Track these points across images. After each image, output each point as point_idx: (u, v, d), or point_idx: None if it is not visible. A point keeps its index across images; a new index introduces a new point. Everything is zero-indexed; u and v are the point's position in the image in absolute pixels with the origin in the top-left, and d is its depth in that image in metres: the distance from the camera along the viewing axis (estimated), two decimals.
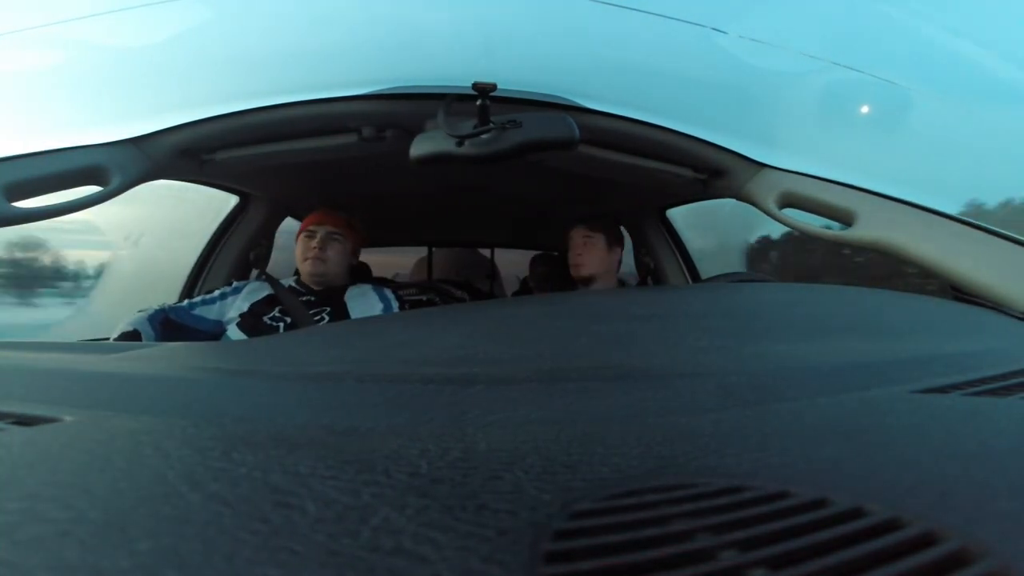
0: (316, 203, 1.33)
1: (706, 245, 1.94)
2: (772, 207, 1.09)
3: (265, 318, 1.14)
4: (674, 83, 1.16)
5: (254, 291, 1.21)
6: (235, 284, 1.25)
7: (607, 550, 0.17)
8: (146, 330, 1.07)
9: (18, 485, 0.22)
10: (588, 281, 1.51)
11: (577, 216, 1.57)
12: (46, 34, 0.95)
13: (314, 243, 1.23)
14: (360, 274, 1.33)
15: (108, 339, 1.10)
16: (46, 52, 1.00)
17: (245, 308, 1.16)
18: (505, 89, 0.89)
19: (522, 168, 1.16)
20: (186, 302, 1.21)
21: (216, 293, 1.22)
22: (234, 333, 1.13)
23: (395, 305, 1.26)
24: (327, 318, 1.16)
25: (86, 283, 1.73)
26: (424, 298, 1.72)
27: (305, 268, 1.23)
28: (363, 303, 1.21)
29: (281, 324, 1.14)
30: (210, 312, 1.17)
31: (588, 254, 1.50)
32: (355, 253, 1.34)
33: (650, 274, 1.84)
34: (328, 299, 1.20)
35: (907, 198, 0.94)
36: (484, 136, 0.83)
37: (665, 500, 0.20)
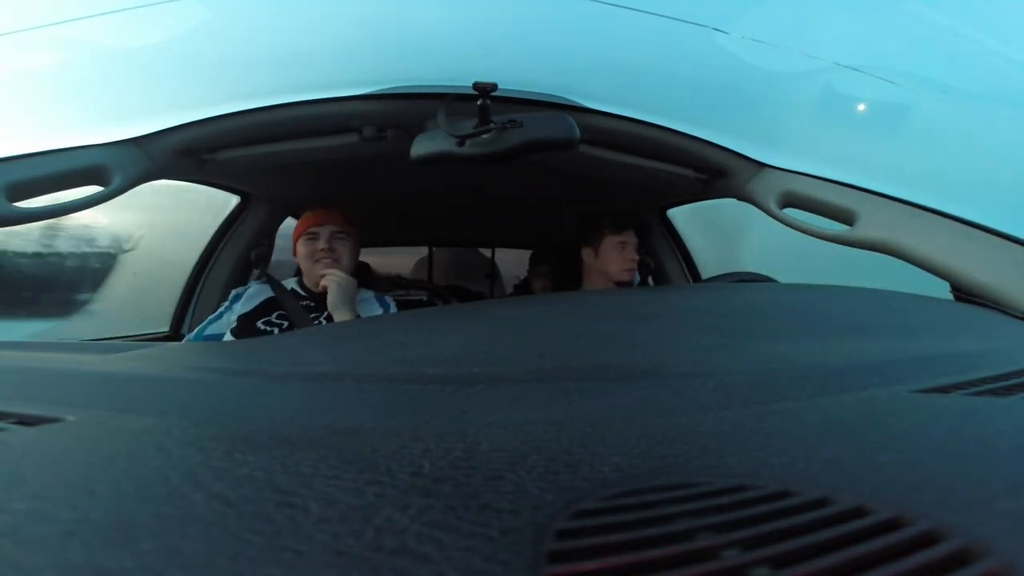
0: (317, 203, 1.32)
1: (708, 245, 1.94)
2: (773, 207, 1.09)
3: (259, 323, 1.13)
4: (675, 83, 1.16)
5: (253, 296, 1.20)
6: (235, 292, 1.24)
7: (609, 549, 0.17)
8: None
9: (21, 485, 0.22)
10: (624, 286, 1.50)
11: (608, 216, 1.56)
12: (47, 34, 0.95)
13: (321, 244, 1.18)
14: (363, 275, 1.31)
15: (110, 339, 1.10)
16: (47, 52, 1.00)
17: (242, 313, 1.16)
18: (506, 89, 0.89)
19: (523, 168, 1.16)
20: (194, 332, 1.20)
21: (221, 308, 1.21)
22: (228, 340, 1.12)
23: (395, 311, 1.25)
24: (325, 323, 1.16)
25: (87, 283, 1.73)
26: (422, 298, 1.72)
27: (316, 270, 1.18)
28: (363, 310, 1.20)
29: (275, 330, 1.12)
30: (219, 328, 1.17)
31: (634, 261, 1.50)
32: (358, 252, 1.31)
33: (651, 274, 1.84)
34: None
35: (910, 199, 0.94)
36: (484, 136, 0.83)
37: (667, 499, 0.20)
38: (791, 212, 1.08)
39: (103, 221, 1.62)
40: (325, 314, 1.16)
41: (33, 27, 0.95)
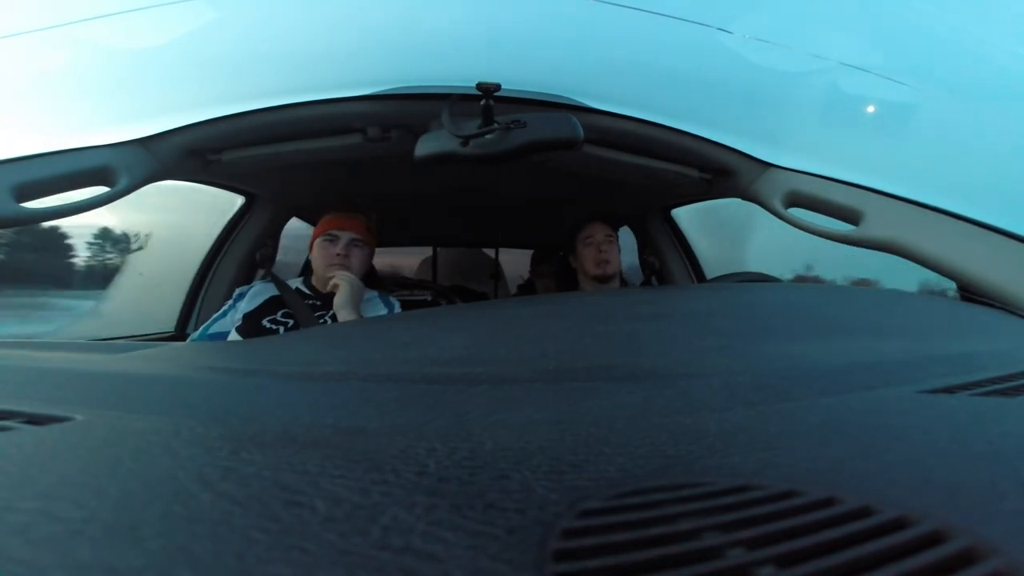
0: (321, 203, 1.33)
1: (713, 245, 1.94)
2: (778, 207, 1.09)
3: (264, 321, 1.13)
4: (679, 83, 1.16)
5: (258, 294, 1.20)
6: (239, 291, 1.24)
7: (615, 548, 0.17)
8: None
9: (30, 484, 0.22)
10: (608, 280, 1.50)
11: (584, 214, 1.56)
12: (53, 35, 0.95)
13: (338, 249, 1.20)
14: (367, 275, 1.31)
15: (117, 339, 1.10)
16: (53, 53, 1.01)
17: (247, 311, 1.16)
18: (509, 89, 0.89)
19: (526, 168, 1.16)
20: (199, 330, 1.20)
21: (225, 306, 1.22)
22: (233, 338, 1.12)
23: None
24: (329, 322, 1.16)
25: (94, 283, 1.74)
26: (426, 298, 1.73)
27: (328, 273, 1.19)
28: (367, 309, 1.20)
29: (281, 328, 1.12)
30: (224, 326, 1.17)
31: (612, 253, 1.49)
32: (372, 258, 1.32)
33: (654, 274, 1.84)
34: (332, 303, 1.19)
35: (916, 198, 0.93)
36: (488, 136, 0.83)
37: (672, 499, 0.20)
38: (796, 212, 1.08)
39: (109, 222, 1.63)
40: (331, 313, 1.16)
41: (40, 28, 0.95)
